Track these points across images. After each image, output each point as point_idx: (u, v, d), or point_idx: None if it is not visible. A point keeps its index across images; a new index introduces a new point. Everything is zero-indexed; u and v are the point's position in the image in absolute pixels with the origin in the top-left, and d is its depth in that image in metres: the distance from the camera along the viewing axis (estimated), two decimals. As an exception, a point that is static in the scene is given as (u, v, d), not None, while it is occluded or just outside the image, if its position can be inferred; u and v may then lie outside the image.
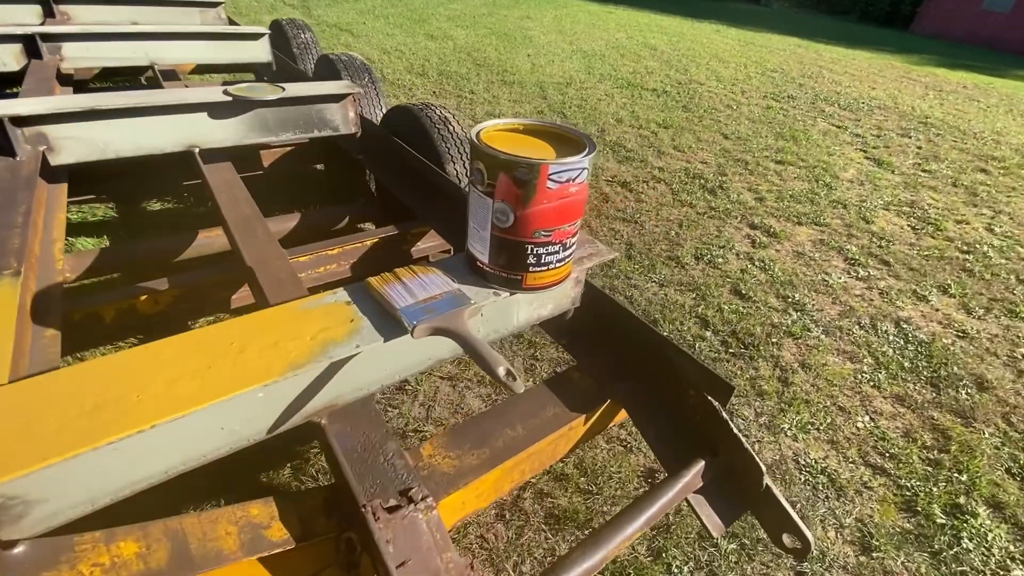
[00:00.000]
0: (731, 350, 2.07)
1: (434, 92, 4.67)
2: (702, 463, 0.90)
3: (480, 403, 1.67)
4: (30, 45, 1.94)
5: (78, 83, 2.34)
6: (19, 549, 0.58)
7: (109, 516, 0.64)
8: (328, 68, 2.50)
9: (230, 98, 1.49)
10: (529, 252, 0.75)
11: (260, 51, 2.54)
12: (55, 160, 1.34)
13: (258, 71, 2.67)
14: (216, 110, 1.51)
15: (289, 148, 2.10)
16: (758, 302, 2.38)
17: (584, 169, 0.70)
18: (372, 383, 0.77)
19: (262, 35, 2.50)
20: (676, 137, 4.31)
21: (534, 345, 1.94)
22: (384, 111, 2.20)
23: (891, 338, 2.27)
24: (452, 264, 0.82)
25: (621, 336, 1.06)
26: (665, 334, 0.98)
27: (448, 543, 0.72)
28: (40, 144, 1.31)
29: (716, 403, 0.90)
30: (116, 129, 1.40)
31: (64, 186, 1.43)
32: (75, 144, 1.36)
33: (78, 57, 2.08)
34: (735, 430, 0.90)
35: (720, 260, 2.68)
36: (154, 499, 0.68)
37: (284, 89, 1.58)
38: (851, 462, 1.68)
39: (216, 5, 2.93)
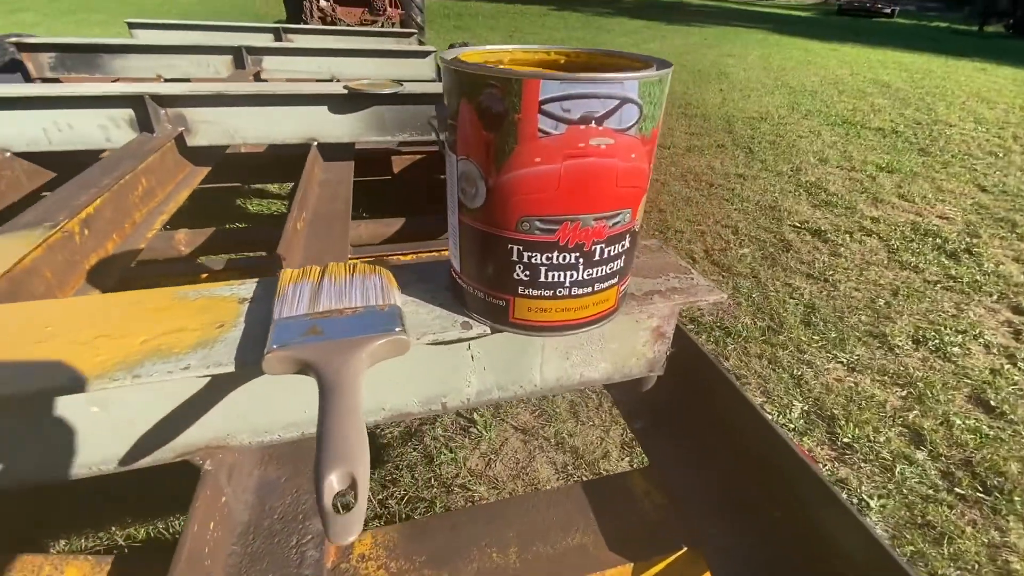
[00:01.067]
0: (958, 489, 1.34)
1: (605, 123, 4.47)
2: None
3: (551, 471, 1.31)
4: (238, 57, 2.25)
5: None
6: None
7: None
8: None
9: (346, 91, 1.45)
10: (515, 257, 0.39)
11: (427, 68, 2.62)
12: (191, 141, 1.43)
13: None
14: (334, 104, 1.49)
15: (420, 156, 2.06)
16: (1017, 423, 1.56)
17: (628, 102, 0.34)
18: (264, 427, 0.51)
19: (430, 53, 2.57)
20: (904, 184, 3.36)
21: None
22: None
23: None
24: (429, 271, 0.53)
25: (732, 442, 0.64)
26: (845, 440, 0.53)
27: None
28: (179, 125, 1.40)
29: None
30: (244, 116, 1.45)
31: (203, 170, 1.52)
32: (208, 128, 1.43)
33: (274, 69, 2.36)
34: None
35: (956, 351, 1.87)
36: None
37: (402, 85, 1.49)
38: None
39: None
